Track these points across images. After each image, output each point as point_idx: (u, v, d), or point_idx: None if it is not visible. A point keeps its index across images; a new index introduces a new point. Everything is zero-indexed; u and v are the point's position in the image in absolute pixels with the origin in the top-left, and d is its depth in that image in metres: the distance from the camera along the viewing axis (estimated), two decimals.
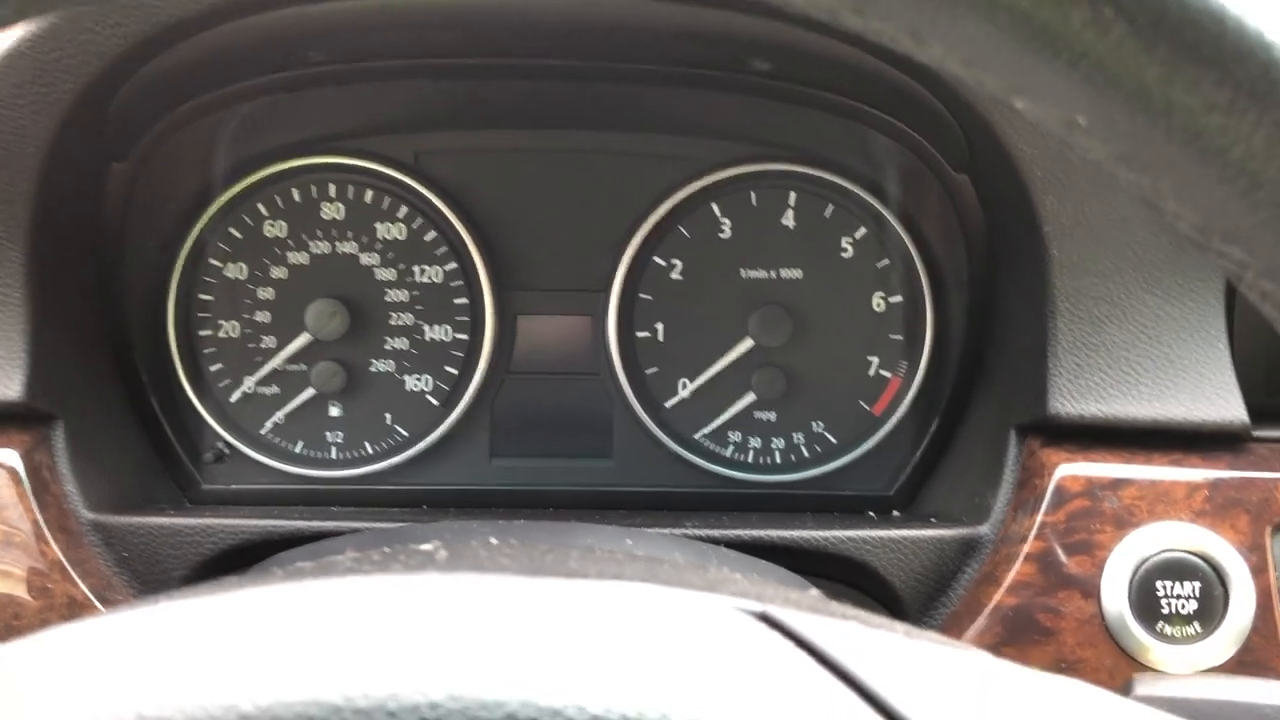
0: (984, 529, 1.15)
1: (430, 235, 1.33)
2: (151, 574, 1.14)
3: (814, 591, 0.58)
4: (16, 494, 1.11)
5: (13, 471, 1.11)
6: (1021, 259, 1.15)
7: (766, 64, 1.16)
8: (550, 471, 1.35)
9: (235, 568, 1.17)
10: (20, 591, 1.10)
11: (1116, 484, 1.09)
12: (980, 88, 0.44)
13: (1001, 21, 0.40)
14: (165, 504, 1.27)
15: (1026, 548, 1.10)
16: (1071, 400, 1.12)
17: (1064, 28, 0.39)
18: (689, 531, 1.13)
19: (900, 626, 0.53)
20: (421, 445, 1.34)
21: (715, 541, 1.11)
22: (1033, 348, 1.15)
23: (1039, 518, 1.11)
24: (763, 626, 0.49)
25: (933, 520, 1.22)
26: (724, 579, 0.57)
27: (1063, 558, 1.09)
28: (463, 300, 1.34)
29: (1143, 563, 1.07)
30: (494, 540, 0.70)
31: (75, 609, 1.09)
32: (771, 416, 1.34)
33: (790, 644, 0.47)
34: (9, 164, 1.05)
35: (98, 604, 1.10)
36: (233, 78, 1.18)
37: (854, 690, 0.43)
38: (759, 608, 0.50)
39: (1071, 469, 1.11)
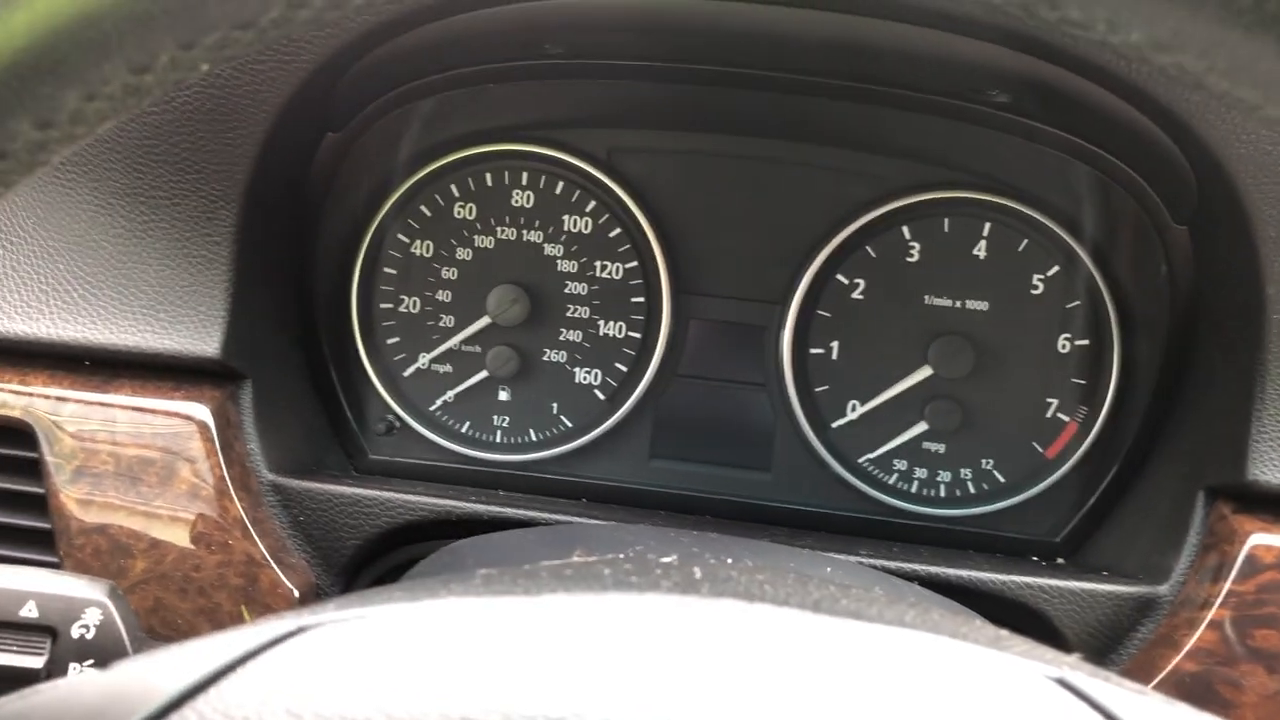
0: (1162, 589, 1.12)
1: (615, 232, 1.33)
2: (325, 540, 1.16)
3: (1075, 655, 0.56)
4: (205, 449, 1.14)
5: (204, 426, 1.14)
6: (1233, 317, 1.11)
7: (1007, 96, 1.13)
8: (707, 478, 1.35)
9: (406, 541, 1.19)
10: (200, 545, 1.12)
11: None
12: (1177, 74, 0.43)
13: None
14: (334, 470, 1.30)
15: (1210, 615, 1.06)
16: (1273, 468, 1.08)
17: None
18: (863, 560, 1.11)
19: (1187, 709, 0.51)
20: (585, 439, 1.35)
21: (889, 573, 1.09)
22: (1232, 409, 1.11)
23: (1226, 585, 1.07)
24: (1063, 692, 0.48)
25: (1104, 573, 1.19)
26: (1003, 637, 0.56)
27: (1249, 630, 1.05)
28: (640, 299, 1.34)
29: None
30: (731, 560, 0.70)
31: (252, 567, 1.12)
32: (940, 449, 1.32)
33: (1094, 714, 0.46)
34: (239, 125, 1.08)
35: (273, 564, 1.12)
36: (463, 63, 1.19)
37: None
38: (1056, 672, 0.49)
39: (1266, 539, 1.07)
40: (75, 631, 0.84)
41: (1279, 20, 0.42)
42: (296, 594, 1.12)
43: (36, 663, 0.83)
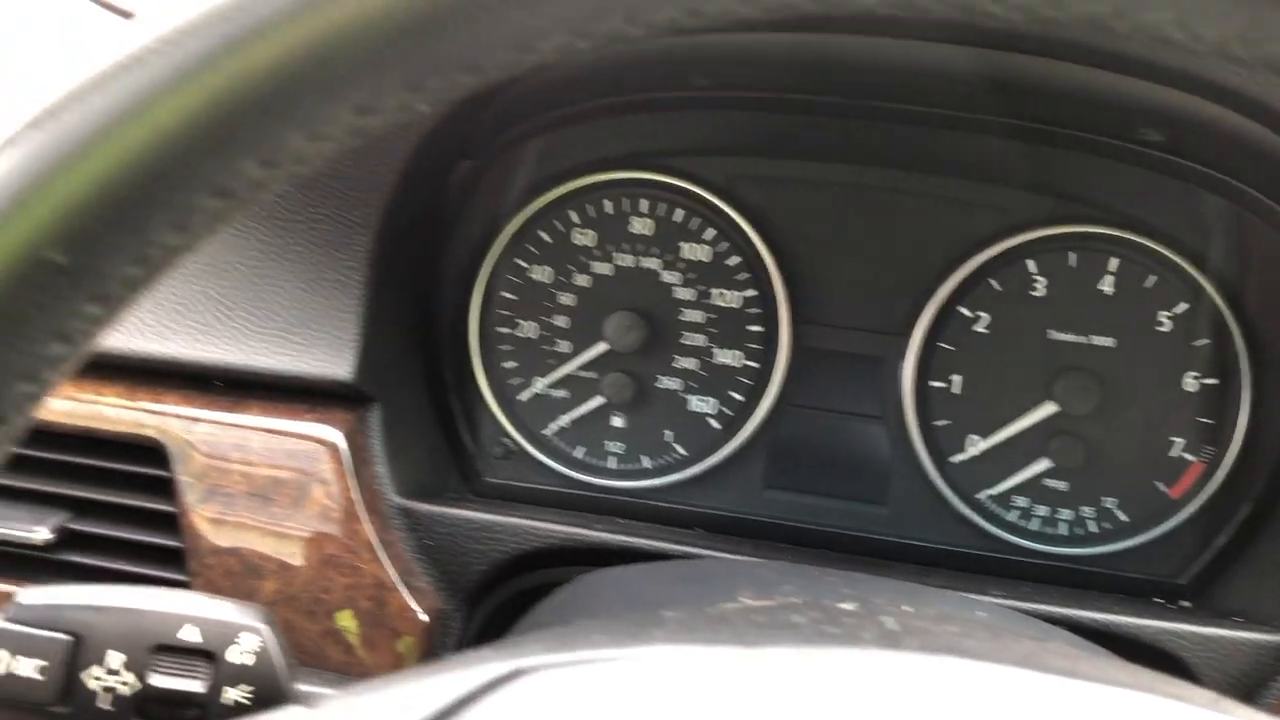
0: None
1: (734, 260, 1.33)
2: (452, 564, 1.17)
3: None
4: (336, 471, 1.15)
5: (335, 448, 1.15)
6: None
7: (1160, 134, 1.12)
8: (822, 510, 1.34)
9: (529, 566, 1.19)
10: (330, 567, 1.13)
11: None
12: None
13: None
14: (453, 494, 1.30)
15: None
16: None
17: None
18: (995, 599, 1.10)
19: None
20: (699, 467, 1.34)
21: (1024, 614, 1.08)
22: None
23: None
24: None
25: (1238, 618, 1.17)
26: (1220, 699, 0.55)
27: None
28: (757, 328, 1.33)
29: None
30: (906, 607, 0.69)
31: (381, 590, 1.12)
32: (1062, 486, 1.30)
33: None
34: (381, 153, 1.09)
35: (402, 587, 1.12)
36: (605, 95, 1.20)
37: None
38: None
39: None
40: (233, 656, 0.85)
41: None
42: (425, 618, 1.12)
43: (197, 686, 0.84)
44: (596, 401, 1.34)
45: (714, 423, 1.35)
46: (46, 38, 1.38)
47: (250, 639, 0.85)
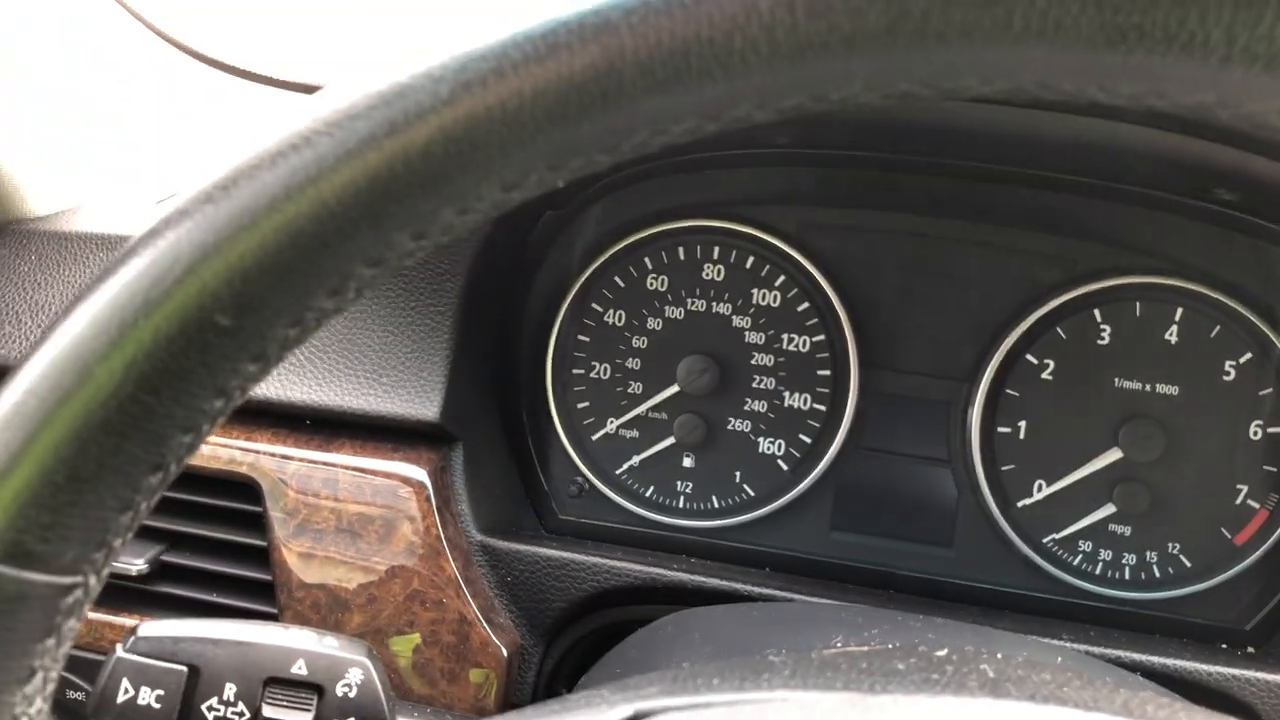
0: None
1: (803, 305, 1.36)
2: (531, 600, 1.20)
3: None
4: (423, 509, 1.19)
5: (421, 486, 1.19)
6: None
7: (1233, 195, 1.15)
8: (888, 552, 1.36)
9: (605, 605, 1.22)
10: (415, 602, 1.17)
11: None
12: None
13: None
14: (528, 531, 1.34)
15: None
16: None
17: None
18: (1065, 644, 1.12)
19: None
20: (767, 508, 1.37)
21: (1094, 658, 1.10)
22: None
23: None
24: None
25: None
26: None
27: None
28: (826, 372, 1.37)
29: None
30: (999, 654, 0.71)
31: (464, 625, 1.16)
32: (1127, 531, 1.32)
33: None
34: None
35: (484, 623, 1.16)
36: (690, 150, 1.24)
37: None
38: None
39: None
40: (339, 690, 0.89)
41: None
42: (505, 653, 1.16)
43: (305, 718, 0.88)
44: (667, 442, 1.38)
45: (782, 464, 1.38)
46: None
47: (355, 673, 0.89)
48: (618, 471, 1.40)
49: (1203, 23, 0.47)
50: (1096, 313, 1.32)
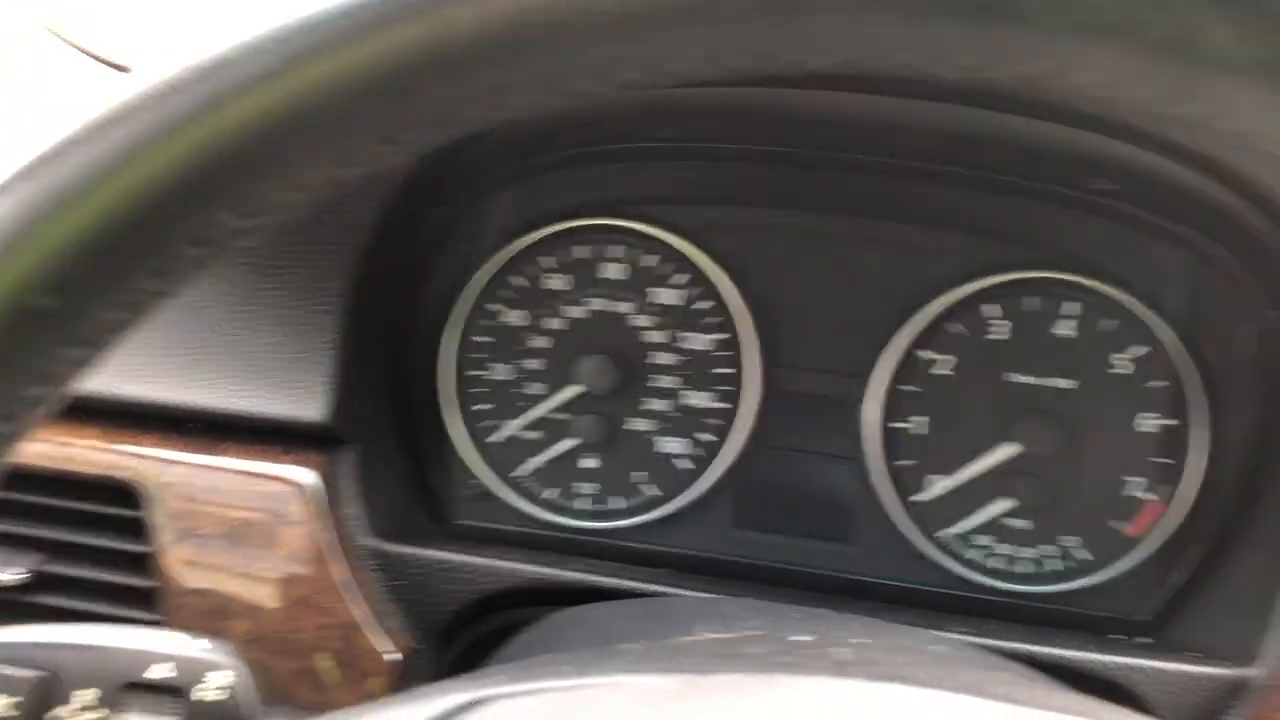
0: (1254, 672, 1.12)
1: (704, 304, 1.36)
2: (422, 604, 1.18)
3: None
4: (309, 513, 1.16)
5: (308, 490, 1.17)
6: None
7: (1110, 184, 1.16)
8: (789, 549, 1.36)
9: (499, 606, 1.20)
10: (301, 608, 1.15)
11: None
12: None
13: None
14: (424, 535, 1.32)
15: None
16: None
17: None
18: (955, 635, 1.12)
19: None
20: (669, 508, 1.36)
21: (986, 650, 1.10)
22: None
23: None
24: None
25: (1195, 654, 1.19)
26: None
27: None
28: (727, 370, 1.36)
29: None
30: (863, 640, 0.71)
31: (351, 630, 1.14)
32: (1024, 525, 1.33)
33: None
34: (358, 199, 1.12)
35: (373, 629, 1.14)
36: (576, 144, 1.23)
37: None
38: None
39: None
40: (203, 693, 0.86)
41: None
42: (393, 658, 1.13)
43: None
44: (568, 443, 1.37)
45: (684, 463, 1.37)
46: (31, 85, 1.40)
47: (220, 676, 0.86)
48: (518, 474, 1.38)
49: None
50: (990, 308, 1.32)
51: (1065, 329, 1.32)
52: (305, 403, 1.17)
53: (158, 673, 0.86)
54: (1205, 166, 1.05)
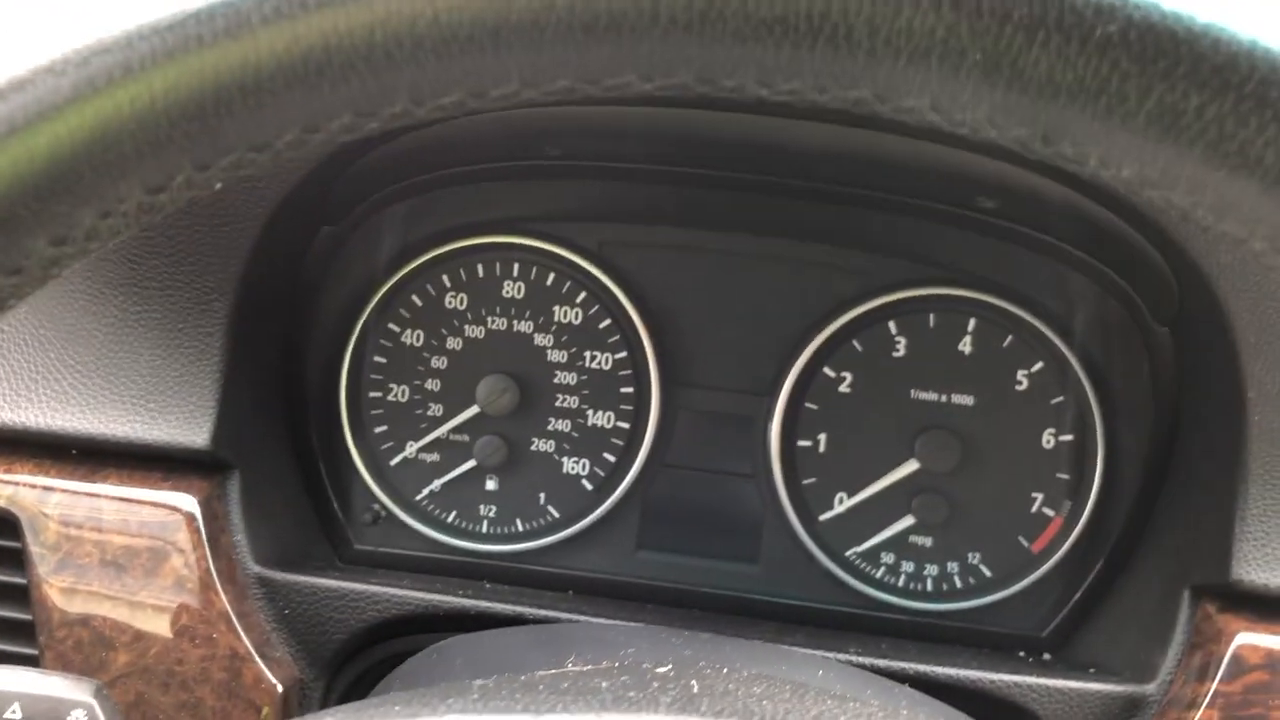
0: (1149, 688, 1.12)
1: (605, 323, 1.34)
2: (311, 634, 1.15)
3: None
4: (191, 541, 1.13)
5: (190, 518, 1.13)
6: (1215, 419, 1.13)
7: (994, 203, 1.16)
8: (694, 570, 1.34)
9: (392, 634, 1.18)
10: (184, 638, 1.11)
11: None
12: (1166, 206, 0.46)
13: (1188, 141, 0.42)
14: (319, 561, 1.29)
15: (1198, 715, 1.06)
16: (1257, 568, 1.09)
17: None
18: (852, 657, 1.11)
19: None
20: (572, 529, 1.34)
21: (879, 672, 1.09)
22: (1216, 509, 1.12)
23: (1212, 686, 1.07)
24: None
25: (1091, 670, 1.19)
26: None
27: None
28: (628, 389, 1.35)
29: None
30: (727, 669, 0.69)
31: (236, 661, 1.11)
32: (927, 542, 1.32)
33: None
34: (235, 220, 1.09)
35: (257, 658, 1.11)
36: (462, 161, 1.21)
37: None
38: None
39: (1252, 639, 1.08)
40: None
41: (1261, 163, 0.44)
42: (280, 689, 1.10)
43: None
44: (468, 465, 1.34)
45: (587, 484, 1.35)
46: None
47: (78, 714, 0.83)
48: (418, 497, 1.36)
49: (844, 14, 0.46)
50: (892, 325, 1.32)
51: (966, 345, 1.32)
52: (187, 428, 1.14)
53: (13, 714, 0.83)
54: (1080, 184, 1.06)
